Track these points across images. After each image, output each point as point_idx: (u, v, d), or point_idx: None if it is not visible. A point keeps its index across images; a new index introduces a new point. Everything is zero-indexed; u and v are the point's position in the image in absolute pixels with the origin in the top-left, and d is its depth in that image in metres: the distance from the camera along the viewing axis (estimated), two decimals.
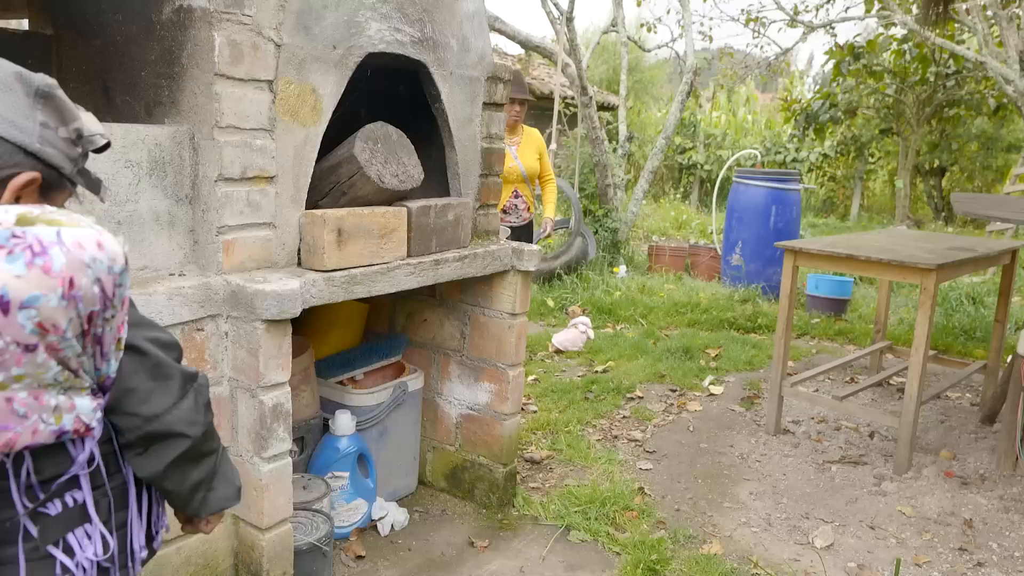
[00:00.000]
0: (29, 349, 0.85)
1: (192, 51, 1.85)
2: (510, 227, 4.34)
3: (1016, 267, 4.06)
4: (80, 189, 1.08)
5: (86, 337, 0.91)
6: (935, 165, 13.26)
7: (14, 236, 0.83)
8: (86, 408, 0.94)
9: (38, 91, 0.98)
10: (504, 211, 4.46)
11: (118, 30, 1.99)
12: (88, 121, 1.05)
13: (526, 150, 4.54)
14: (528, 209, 4.64)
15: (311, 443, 2.59)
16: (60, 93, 1.00)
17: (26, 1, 2.39)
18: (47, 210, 0.89)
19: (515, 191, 4.54)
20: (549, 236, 4.80)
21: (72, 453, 0.98)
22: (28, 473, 0.94)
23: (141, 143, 1.79)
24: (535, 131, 4.68)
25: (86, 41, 2.08)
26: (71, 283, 0.85)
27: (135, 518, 1.10)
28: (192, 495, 1.15)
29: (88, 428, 0.95)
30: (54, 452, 0.96)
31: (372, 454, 2.69)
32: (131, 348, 1.02)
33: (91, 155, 1.08)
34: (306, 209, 2.14)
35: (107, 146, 1.08)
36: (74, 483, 0.99)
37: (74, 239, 0.87)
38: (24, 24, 2.57)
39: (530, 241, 4.57)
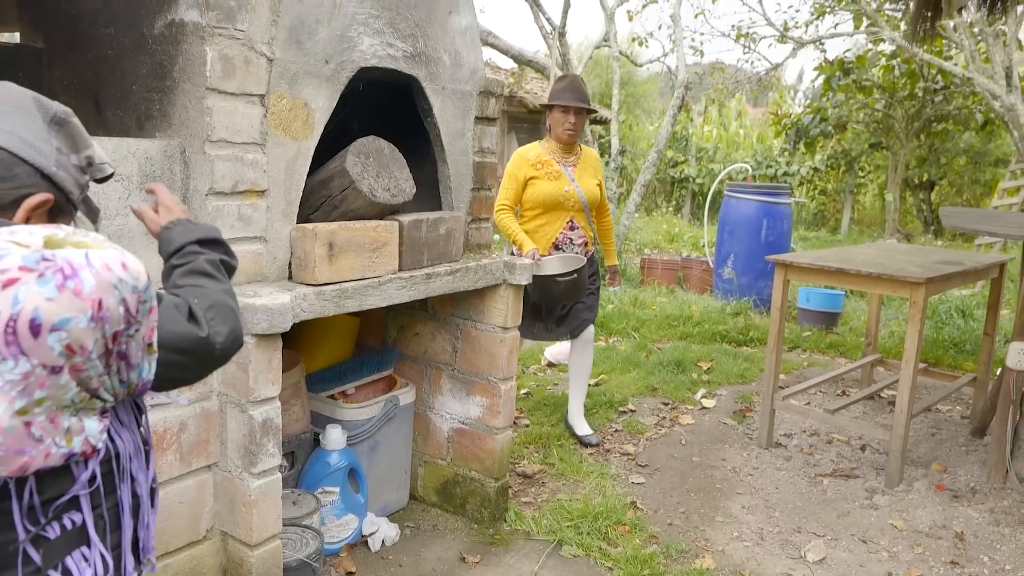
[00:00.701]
0: (55, 371, 0.86)
1: (184, 65, 1.85)
2: None
3: (1004, 280, 4.09)
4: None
5: (109, 356, 0.92)
6: (924, 179, 13.37)
7: (44, 259, 0.84)
8: (94, 430, 0.96)
9: (55, 118, 1.01)
10: (555, 246, 3.54)
11: (110, 44, 1.99)
12: (98, 150, 1.08)
13: (584, 172, 3.56)
14: (586, 244, 3.61)
15: (301, 458, 2.57)
16: (75, 121, 1.04)
17: (17, 14, 2.38)
18: (70, 232, 0.91)
19: (571, 222, 3.54)
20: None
21: (75, 473, 0.97)
22: (31, 494, 0.94)
23: (132, 157, 1.79)
24: (593, 152, 3.73)
25: (78, 54, 2.08)
26: (99, 305, 0.87)
27: (128, 540, 1.09)
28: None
29: (94, 449, 0.97)
30: (57, 472, 0.96)
31: (363, 469, 2.67)
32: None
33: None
34: (297, 223, 2.14)
35: (111, 176, 1.11)
36: (73, 504, 0.99)
37: (102, 261, 0.89)
38: (15, 37, 2.56)
39: (588, 283, 3.59)
